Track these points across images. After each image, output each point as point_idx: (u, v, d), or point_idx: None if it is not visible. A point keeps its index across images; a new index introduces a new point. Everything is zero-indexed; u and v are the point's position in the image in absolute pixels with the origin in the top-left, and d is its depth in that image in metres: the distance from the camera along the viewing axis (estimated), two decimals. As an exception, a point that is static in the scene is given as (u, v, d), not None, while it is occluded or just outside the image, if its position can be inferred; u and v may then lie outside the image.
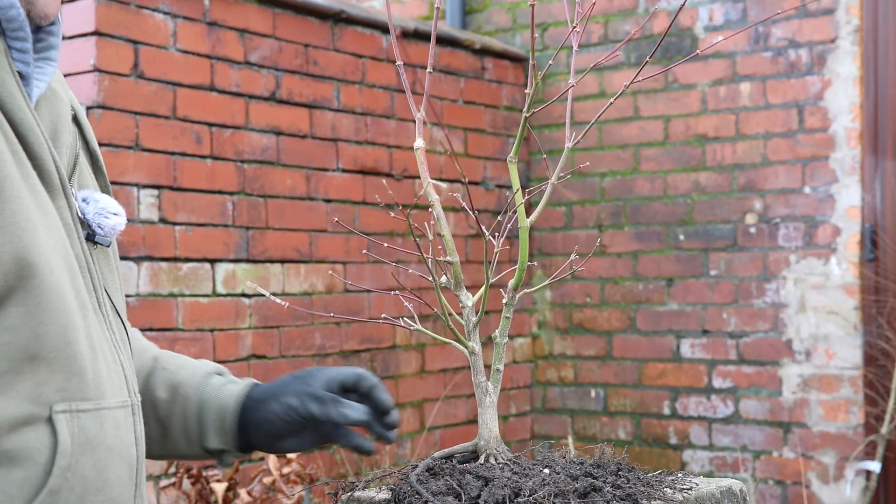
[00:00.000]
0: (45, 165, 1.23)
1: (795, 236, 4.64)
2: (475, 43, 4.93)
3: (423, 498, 1.33)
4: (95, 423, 1.22)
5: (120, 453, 1.26)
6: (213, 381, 1.56)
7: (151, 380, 1.55)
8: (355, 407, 1.48)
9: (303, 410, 1.48)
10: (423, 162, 1.49)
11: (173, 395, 1.54)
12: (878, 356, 4.46)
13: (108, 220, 1.32)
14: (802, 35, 4.62)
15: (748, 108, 4.75)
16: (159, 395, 1.54)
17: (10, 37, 1.22)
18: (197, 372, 1.57)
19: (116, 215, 1.34)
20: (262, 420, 1.50)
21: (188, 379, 1.56)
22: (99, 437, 1.22)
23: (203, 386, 1.55)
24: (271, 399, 1.51)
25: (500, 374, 1.53)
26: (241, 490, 3.28)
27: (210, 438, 1.53)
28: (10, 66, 1.22)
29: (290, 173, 4.06)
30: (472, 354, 1.52)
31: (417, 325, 1.53)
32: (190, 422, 1.53)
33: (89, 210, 1.32)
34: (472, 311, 1.52)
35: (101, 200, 1.33)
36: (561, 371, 5.22)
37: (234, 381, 1.57)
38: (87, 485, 1.20)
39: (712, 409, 4.83)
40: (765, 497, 4.69)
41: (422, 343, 4.60)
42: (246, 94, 3.91)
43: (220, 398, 1.54)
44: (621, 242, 5.04)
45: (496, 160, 5.06)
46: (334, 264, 4.21)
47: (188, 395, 1.54)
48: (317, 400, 1.48)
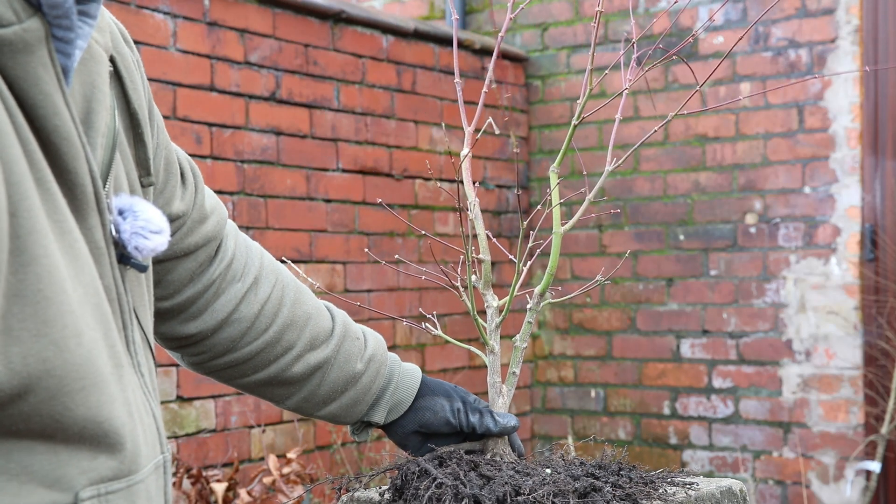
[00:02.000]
0: (79, 180, 1.01)
1: (795, 236, 4.64)
2: (475, 43, 4.93)
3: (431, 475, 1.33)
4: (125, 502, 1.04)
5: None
6: (394, 357, 1.56)
7: (346, 347, 1.51)
8: (508, 416, 1.51)
9: (465, 419, 1.50)
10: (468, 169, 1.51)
11: (365, 368, 1.52)
12: (878, 356, 4.46)
13: (148, 242, 1.10)
14: (802, 35, 4.62)
15: (748, 108, 4.75)
16: (358, 368, 1.51)
17: (54, 24, 0.98)
18: (380, 343, 1.56)
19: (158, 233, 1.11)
20: (428, 409, 1.53)
21: (379, 352, 1.54)
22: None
23: (389, 362, 1.55)
24: (440, 394, 1.53)
25: (515, 377, 1.55)
26: (241, 490, 3.28)
27: (376, 413, 1.53)
28: (51, 58, 0.98)
29: (290, 173, 4.06)
30: (490, 354, 1.54)
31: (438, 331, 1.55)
32: (369, 395, 1.52)
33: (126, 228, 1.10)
34: (496, 312, 1.54)
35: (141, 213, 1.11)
36: (561, 371, 5.22)
37: (404, 363, 1.58)
38: None
39: (712, 409, 4.83)
40: (765, 497, 4.69)
41: (422, 343, 4.60)
42: (246, 94, 3.91)
43: (402, 381, 1.54)
44: (621, 242, 5.04)
45: (496, 160, 5.06)
46: (334, 264, 4.22)
47: (378, 370, 1.53)
48: (476, 412, 1.51)
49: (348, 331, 1.52)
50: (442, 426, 1.52)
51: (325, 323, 1.50)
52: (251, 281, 1.45)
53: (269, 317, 1.46)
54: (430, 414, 1.52)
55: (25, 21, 0.95)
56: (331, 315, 1.53)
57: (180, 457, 3.53)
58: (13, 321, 0.90)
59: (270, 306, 1.46)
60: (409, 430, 1.54)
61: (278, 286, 1.47)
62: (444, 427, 1.52)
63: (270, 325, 1.45)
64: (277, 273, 1.49)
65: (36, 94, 0.97)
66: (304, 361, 1.48)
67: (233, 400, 3.80)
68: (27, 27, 0.95)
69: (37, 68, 0.96)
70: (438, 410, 1.52)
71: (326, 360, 1.50)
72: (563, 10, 5.19)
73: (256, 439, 3.87)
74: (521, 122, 5.23)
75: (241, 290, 1.44)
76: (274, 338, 1.46)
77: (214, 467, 3.48)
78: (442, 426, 1.52)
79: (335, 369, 1.50)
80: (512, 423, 1.51)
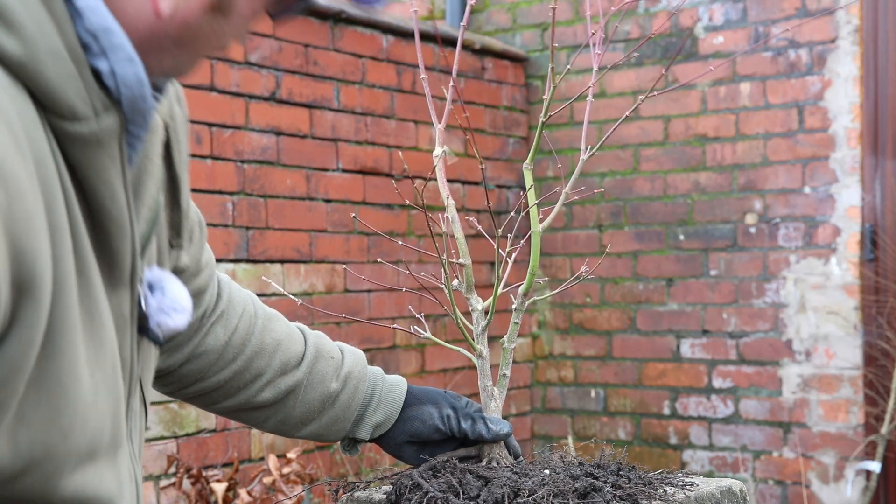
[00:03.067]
0: (120, 259, 1.03)
1: (795, 236, 4.64)
2: (475, 43, 4.93)
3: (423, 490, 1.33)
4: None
5: None
6: (374, 373, 1.55)
7: (319, 367, 1.50)
8: (501, 422, 1.50)
9: (455, 425, 1.49)
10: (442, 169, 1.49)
11: (342, 386, 1.51)
12: (878, 356, 4.46)
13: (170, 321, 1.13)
14: (802, 35, 4.62)
15: (748, 108, 4.75)
16: (333, 387, 1.50)
17: (130, 120, 1.01)
18: (358, 360, 1.54)
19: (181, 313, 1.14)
20: (416, 419, 1.51)
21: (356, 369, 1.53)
22: None
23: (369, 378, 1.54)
24: (428, 402, 1.52)
25: (506, 379, 1.54)
26: (241, 490, 3.28)
27: (363, 429, 1.53)
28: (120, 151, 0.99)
29: (290, 173, 4.06)
30: (479, 358, 1.52)
31: (427, 333, 1.54)
32: (350, 411, 1.52)
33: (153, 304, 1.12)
34: (481, 315, 1.52)
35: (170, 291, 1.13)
36: (561, 371, 5.22)
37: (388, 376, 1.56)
38: None
39: (712, 409, 4.83)
40: (765, 497, 4.69)
41: (422, 343, 4.60)
42: (246, 94, 3.91)
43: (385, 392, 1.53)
44: (621, 242, 5.04)
45: (496, 160, 5.06)
46: (334, 264, 4.21)
47: (357, 387, 1.52)
48: (468, 417, 1.50)
49: (321, 351, 1.51)
50: (432, 434, 1.51)
51: (296, 347, 1.50)
52: (218, 314, 1.44)
53: (236, 347, 1.45)
54: (419, 423, 1.51)
55: (102, 117, 0.95)
56: (303, 337, 1.53)
57: (180, 457, 3.53)
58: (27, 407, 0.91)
59: (238, 337, 1.46)
60: (400, 441, 1.53)
61: (246, 316, 1.47)
62: (434, 435, 1.51)
63: (238, 354, 1.45)
64: (245, 303, 1.49)
65: (98, 184, 0.97)
66: (274, 386, 1.48)
67: (233, 400, 3.80)
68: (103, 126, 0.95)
69: (104, 159, 0.96)
70: (427, 419, 1.51)
71: (298, 383, 1.49)
72: (563, 10, 5.18)
73: (256, 439, 3.87)
74: (521, 122, 5.23)
75: (207, 324, 1.43)
76: (242, 367, 1.46)
77: (214, 467, 3.48)
78: (432, 434, 1.51)
79: (309, 391, 1.49)
80: (505, 429, 1.50)
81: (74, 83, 0.94)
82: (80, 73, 0.94)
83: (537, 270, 1.49)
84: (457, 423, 1.50)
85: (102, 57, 0.96)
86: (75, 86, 0.94)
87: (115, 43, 0.95)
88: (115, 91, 0.97)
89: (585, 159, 1.50)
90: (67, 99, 0.93)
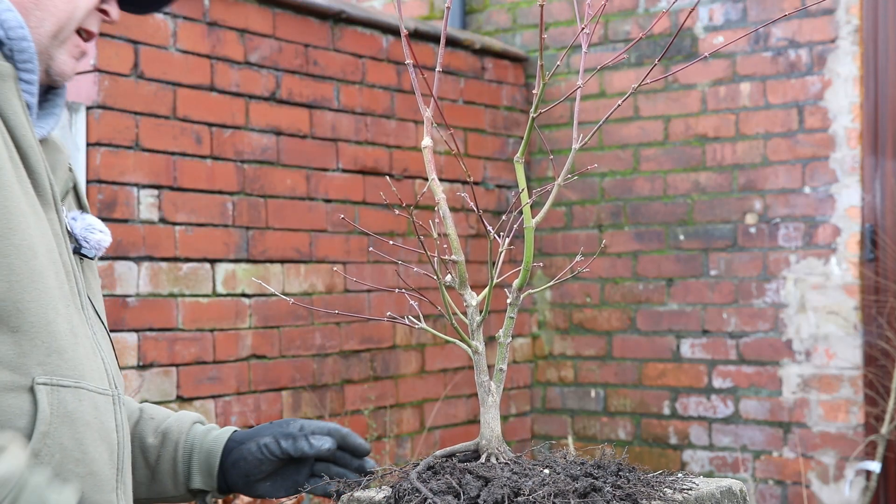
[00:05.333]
0: (41, 180, 1.39)
1: (795, 236, 4.64)
2: (475, 43, 4.93)
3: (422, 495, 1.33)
4: (74, 398, 1.35)
5: (100, 433, 1.39)
6: (198, 429, 1.67)
7: (139, 427, 1.66)
8: (323, 438, 1.60)
9: (274, 447, 1.60)
10: (430, 161, 1.49)
11: (162, 441, 1.66)
12: (878, 356, 4.46)
13: (94, 236, 1.48)
14: (802, 35, 4.62)
15: (748, 108, 4.75)
16: (149, 442, 1.65)
17: (20, 67, 1.40)
18: (182, 420, 1.68)
19: (102, 232, 1.49)
20: (240, 459, 1.61)
21: (175, 425, 1.67)
22: (78, 412, 1.35)
23: (190, 432, 1.67)
24: (249, 440, 1.62)
25: (503, 373, 1.53)
26: (241, 490, 3.28)
27: (195, 479, 1.64)
28: (17, 91, 1.38)
29: (290, 173, 4.06)
30: (475, 354, 1.52)
31: (422, 324, 1.54)
32: (178, 465, 1.65)
33: (77, 226, 1.47)
34: (476, 311, 1.52)
35: (88, 219, 1.49)
36: (561, 371, 5.22)
37: (215, 427, 1.69)
38: (66, 454, 1.33)
39: (712, 409, 4.83)
40: (765, 497, 4.69)
41: (422, 343, 4.60)
42: (246, 94, 3.91)
43: (206, 442, 1.65)
44: (621, 242, 5.04)
45: (496, 160, 5.07)
46: (334, 264, 4.21)
47: (177, 440, 1.66)
48: (288, 437, 1.60)
49: (145, 414, 1.68)
50: (260, 466, 1.61)
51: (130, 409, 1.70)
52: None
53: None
54: (243, 462, 1.62)
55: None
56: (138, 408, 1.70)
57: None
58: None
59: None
60: (244, 483, 1.63)
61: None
62: (263, 466, 1.61)
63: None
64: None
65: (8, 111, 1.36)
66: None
67: (233, 400, 3.81)
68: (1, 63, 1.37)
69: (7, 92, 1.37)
70: (247, 456, 1.61)
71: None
72: (564, 9, 5.19)
73: (256, 439, 3.87)
74: (521, 122, 5.23)
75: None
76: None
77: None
78: (260, 466, 1.61)
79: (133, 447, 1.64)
80: (326, 444, 1.59)
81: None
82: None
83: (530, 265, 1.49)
84: (276, 447, 1.59)
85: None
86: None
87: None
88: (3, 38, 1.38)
89: (577, 149, 1.49)
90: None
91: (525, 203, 1.47)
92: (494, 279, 1.51)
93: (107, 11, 1.55)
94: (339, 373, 4.21)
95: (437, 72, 1.50)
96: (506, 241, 1.54)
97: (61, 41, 1.46)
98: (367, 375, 4.33)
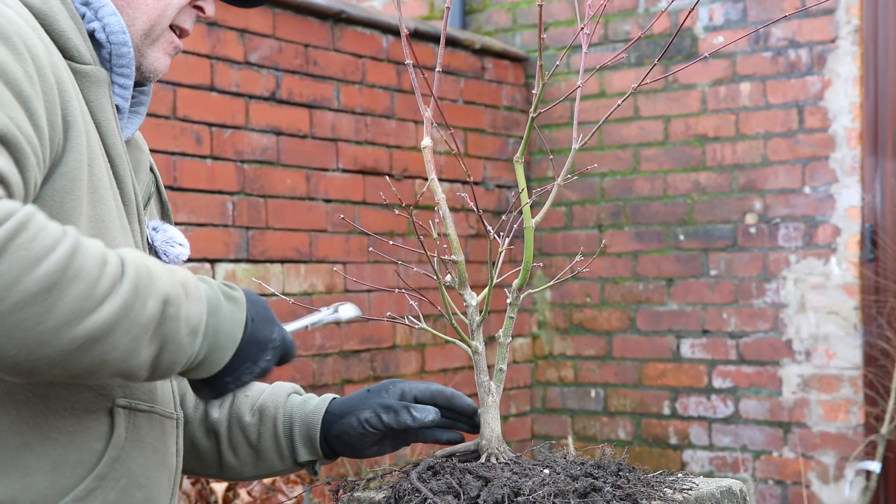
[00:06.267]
0: (126, 189, 1.39)
1: (795, 236, 4.64)
2: (475, 43, 4.93)
3: (422, 495, 1.33)
4: (147, 423, 1.37)
5: (163, 458, 1.40)
6: (295, 400, 1.64)
7: (235, 406, 1.64)
8: (426, 409, 1.55)
9: (376, 422, 1.55)
10: (430, 160, 1.49)
11: (260, 418, 1.63)
12: (878, 356, 4.46)
13: (174, 249, 1.49)
14: (802, 35, 4.62)
15: (748, 108, 4.75)
16: (247, 420, 1.63)
17: (116, 72, 1.42)
18: (278, 392, 1.66)
19: (181, 246, 1.50)
20: (343, 433, 1.58)
21: (270, 400, 1.64)
22: (149, 437, 1.37)
23: (286, 405, 1.64)
24: (349, 413, 1.58)
25: (503, 373, 1.53)
26: (240, 490, 3.28)
27: (300, 453, 1.62)
28: (110, 97, 1.40)
29: (290, 173, 4.06)
30: (475, 354, 1.52)
31: (422, 324, 1.54)
32: (280, 440, 1.62)
33: (158, 238, 1.48)
34: (475, 311, 1.52)
35: (170, 231, 1.50)
36: (561, 371, 5.22)
37: (312, 397, 1.65)
38: (132, 479, 1.33)
39: (712, 409, 4.83)
40: (765, 497, 4.69)
41: (422, 343, 4.60)
42: (246, 94, 3.91)
43: (306, 414, 1.62)
44: (621, 242, 5.04)
45: (496, 160, 5.06)
46: (334, 264, 4.21)
47: (275, 415, 1.63)
48: (389, 410, 1.55)
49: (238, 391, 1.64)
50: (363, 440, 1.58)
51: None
52: None
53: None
54: (347, 437, 1.58)
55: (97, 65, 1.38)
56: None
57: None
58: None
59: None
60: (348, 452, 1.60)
61: None
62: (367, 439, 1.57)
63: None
64: None
65: (99, 115, 1.37)
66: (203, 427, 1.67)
67: (233, 400, 3.80)
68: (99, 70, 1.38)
69: (101, 96, 1.37)
70: (349, 430, 1.57)
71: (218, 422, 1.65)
72: (564, 9, 5.18)
73: (256, 439, 3.87)
74: (521, 122, 5.23)
75: None
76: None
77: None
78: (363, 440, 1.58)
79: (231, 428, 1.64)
80: (430, 416, 1.54)
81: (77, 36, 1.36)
82: (80, 31, 1.37)
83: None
84: (378, 421, 1.55)
85: (95, 20, 1.39)
86: (79, 38, 1.36)
87: (102, 3, 1.40)
88: (104, 42, 1.40)
89: (577, 148, 1.49)
90: (77, 45, 1.35)
91: (525, 203, 1.47)
92: (494, 279, 1.51)
93: (202, 7, 1.53)
94: (339, 373, 4.21)
95: (438, 72, 1.50)
96: (506, 241, 1.54)
97: (153, 39, 1.46)
98: (367, 375, 4.33)
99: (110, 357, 1.14)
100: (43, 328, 1.08)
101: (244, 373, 1.29)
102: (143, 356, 1.17)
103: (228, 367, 1.27)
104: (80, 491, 1.27)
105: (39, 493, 1.24)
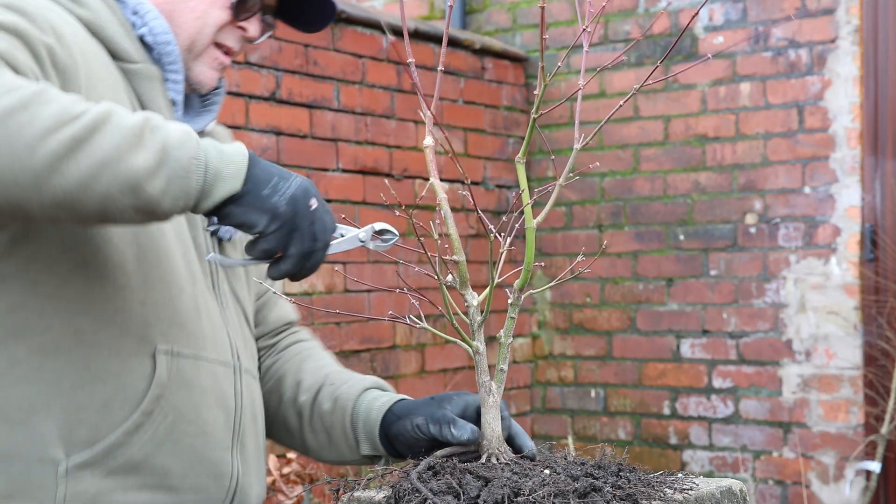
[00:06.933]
0: None
1: (795, 236, 4.64)
2: (475, 43, 4.93)
3: (422, 495, 1.33)
4: (192, 367, 1.50)
5: (217, 398, 1.53)
6: (368, 395, 1.71)
7: (321, 395, 1.75)
8: (465, 428, 1.56)
9: (425, 430, 1.59)
10: (432, 160, 1.49)
11: (333, 407, 1.73)
12: (878, 356, 4.46)
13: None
14: (802, 35, 4.62)
15: (748, 108, 4.75)
16: (325, 408, 1.73)
17: (167, 69, 1.56)
18: (355, 386, 1.74)
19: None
20: (399, 435, 1.63)
21: (346, 392, 1.73)
22: (195, 379, 1.50)
23: (359, 399, 1.71)
24: (406, 417, 1.63)
25: (503, 373, 1.53)
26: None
27: (363, 447, 1.69)
28: (163, 91, 1.55)
29: (290, 173, 4.05)
30: (476, 354, 1.52)
31: (423, 323, 1.54)
32: (348, 432, 1.71)
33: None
34: (477, 311, 1.52)
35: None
36: (561, 371, 5.22)
37: (383, 395, 1.71)
38: (180, 415, 1.48)
39: (712, 409, 4.83)
40: (765, 497, 4.69)
41: (422, 343, 4.60)
42: (246, 94, 3.91)
43: (369, 411, 1.69)
44: (621, 242, 5.04)
45: (496, 160, 5.06)
46: (334, 264, 4.22)
47: (345, 407, 1.71)
48: (437, 422, 1.58)
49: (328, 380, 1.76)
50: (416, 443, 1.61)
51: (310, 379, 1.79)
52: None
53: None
54: (403, 438, 1.63)
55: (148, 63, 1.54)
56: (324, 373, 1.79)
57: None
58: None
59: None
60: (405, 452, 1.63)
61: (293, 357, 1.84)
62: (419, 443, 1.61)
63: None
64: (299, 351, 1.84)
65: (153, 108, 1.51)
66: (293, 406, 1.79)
67: (233, 400, 3.80)
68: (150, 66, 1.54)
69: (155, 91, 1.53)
70: (404, 433, 1.62)
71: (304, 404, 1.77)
72: (564, 9, 5.18)
73: (256, 439, 3.87)
74: (522, 122, 5.23)
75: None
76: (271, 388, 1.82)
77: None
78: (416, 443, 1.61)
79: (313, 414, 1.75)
80: (465, 435, 1.54)
81: (127, 40, 1.53)
82: (129, 35, 1.53)
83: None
84: (427, 429, 1.59)
85: (143, 26, 1.54)
86: (127, 41, 1.53)
87: (147, 9, 1.55)
88: (153, 44, 1.54)
89: (578, 149, 1.49)
90: (127, 47, 1.52)
91: (526, 203, 1.47)
92: (495, 279, 1.50)
93: (245, 28, 1.65)
94: (339, 373, 4.21)
95: (440, 71, 1.50)
96: (507, 241, 1.54)
97: (196, 54, 1.59)
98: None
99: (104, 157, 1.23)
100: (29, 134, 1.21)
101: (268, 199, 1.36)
102: (139, 160, 1.25)
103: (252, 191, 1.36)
104: (130, 425, 1.44)
105: (94, 426, 1.42)
